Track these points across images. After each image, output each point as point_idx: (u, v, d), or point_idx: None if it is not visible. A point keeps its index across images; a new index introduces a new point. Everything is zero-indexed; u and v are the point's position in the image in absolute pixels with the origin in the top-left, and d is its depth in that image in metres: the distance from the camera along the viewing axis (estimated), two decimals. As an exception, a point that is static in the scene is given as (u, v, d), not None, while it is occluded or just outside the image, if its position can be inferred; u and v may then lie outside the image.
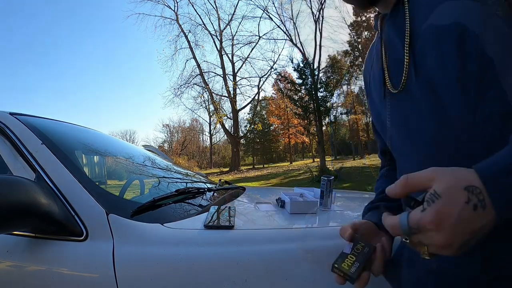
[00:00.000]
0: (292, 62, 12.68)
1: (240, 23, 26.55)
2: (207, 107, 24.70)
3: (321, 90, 12.47)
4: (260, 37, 19.21)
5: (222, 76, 20.67)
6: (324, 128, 14.78)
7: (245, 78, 21.63)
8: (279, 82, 17.70)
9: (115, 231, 0.71)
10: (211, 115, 26.78)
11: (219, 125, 24.67)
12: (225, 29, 20.51)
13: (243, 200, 1.19)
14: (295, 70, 12.67)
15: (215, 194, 1.20)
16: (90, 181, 0.83)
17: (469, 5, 0.40)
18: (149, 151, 1.87)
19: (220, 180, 1.56)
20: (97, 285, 0.66)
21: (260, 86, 21.04)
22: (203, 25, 20.30)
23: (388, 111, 0.53)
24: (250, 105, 23.45)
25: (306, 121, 12.74)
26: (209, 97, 21.12)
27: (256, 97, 21.83)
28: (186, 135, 36.19)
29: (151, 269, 0.65)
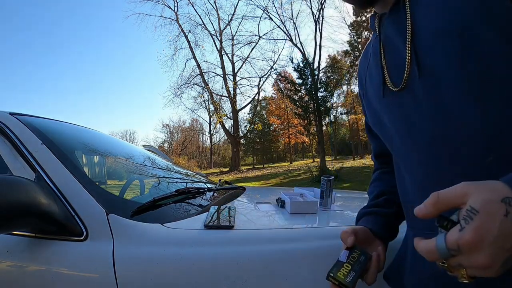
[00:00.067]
0: (292, 62, 12.68)
1: (240, 23, 26.65)
2: (207, 107, 24.77)
3: (321, 90, 12.47)
4: (260, 37, 19.21)
5: (222, 76, 20.69)
6: (324, 128, 14.80)
7: (245, 78, 21.68)
8: (279, 82, 17.68)
9: (115, 231, 0.71)
10: (211, 115, 26.85)
11: (219, 125, 24.74)
12: (225, 29, 20.54)
13: (243, 200, 1.19)
14: (295, 70, 12.67)
15: (215, 194, 1.20)
16: (90, 181, 0.83)
17: (473, 2, 0.40)
18: (149, 151, 1.87)
19: (220, 180, 1.56)
20: (97, 285, 0.66)
21: (260, 86, 21.07)
22: (203, 25, 20.33)
23: (387, 110, 0.52)
24: (250, 105, 23.52)
25: (306, 121, 12.72)
26: (209, 97, 21.13)
27: (256, 97, 21.86)
28: (186, 135, 36.21)
29: (151, 269, 0.65)
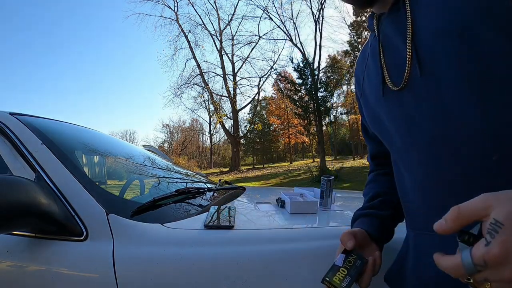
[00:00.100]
0: (292, 62, 12.69)
1: (240, 23, 26.62)
2: (207, 107, 24.75)
3: (321, 90, 12.47)
4: (260, 37, 19.20)
5: (222, 76, 20.68)
6: (324, 128, 14.79)
7: (245, 78, 21.65)
8: (279, 82, 17.68)
9: (115, 231, 0.71)
10: (211, 115, 26.83)
11: (219, 125, 24.72)
12: (225, 29, 20.53)
13: (243, 200, 1.19)
14: (295, 70, 12.67)
15: (215, 194, 1.20)
16: (90, 181, 0.83)
17: (473, 2, 0.39)
18: (149, 151, 1.87)
19: (220, 180, 1.56)
20: (97, 285, 0.66)
21: (260, 86, 21.05)
22: (203, 25, 20.31)
23: (387, 109, 0.52)
24: (250, 105, 23.49)
25: (306, 121, 12.72)
26: (209, 97, 21.12)
27: (256, 97, 21.84)
28: (186, 135, 36.21)
29: (151, 269, 0.65)
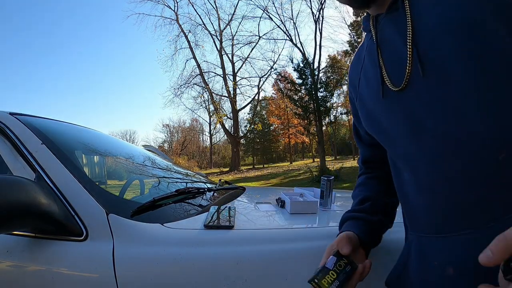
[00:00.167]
0: (292, 62, 12.66)
1: (240, 23, 26.66)
2: (207, 107, 24.74)
3: (321, 90, 12.46)
4: (260, 37, 19.17)
5: (222, 76, 20.67)
6: (324, 128, 14.79)
7: (245, 78, 21.65)
8: (279, 82, 17.66)
9: (115, 231, 0.71)
10: (211, 115, 26.82)
11: (219, 125, 24.71)
12: (225, 29, 20.52)
13: (243, 200, 1.19)
14: (295, 70, 12.66)
15: (215, 194, 1.20)
16: (90, 181, 0.83)
17: None
18: (149, 151, 1.87)
19: (220, 180, 1.56)
20: (97, 285, 0.66)
21: (260, 86, 21.05)
22: (203, 25, 20.30)
23: (387, 111, 0.51)
24: (250, 105, 23.49)
25: (306, 121, 12.72)
26: (209, 97, 21.11)
27: (256, 97, 21.84)
28: (186, 135, 36.20)
29: (151, 269, 0.65)
